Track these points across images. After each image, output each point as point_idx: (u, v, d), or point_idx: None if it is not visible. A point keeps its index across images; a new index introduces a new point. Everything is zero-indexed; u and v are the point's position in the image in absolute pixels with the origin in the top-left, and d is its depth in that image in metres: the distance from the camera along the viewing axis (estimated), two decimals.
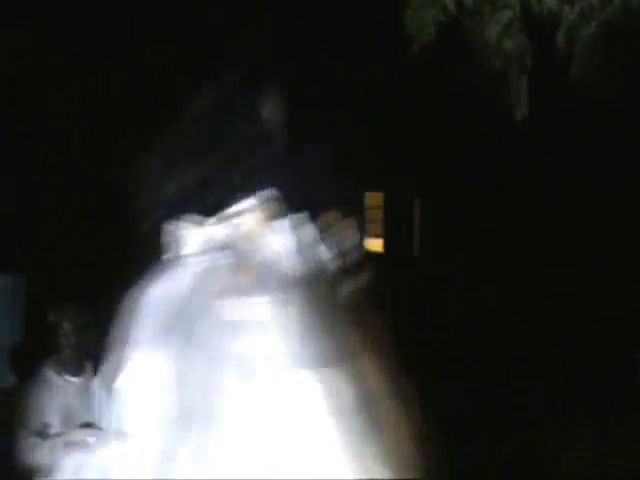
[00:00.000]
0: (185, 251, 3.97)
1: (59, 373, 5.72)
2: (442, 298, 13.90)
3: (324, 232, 3.70)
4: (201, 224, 3.92)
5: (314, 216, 3.77)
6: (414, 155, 30.59)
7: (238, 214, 3.83)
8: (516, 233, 15.86)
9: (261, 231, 3.77)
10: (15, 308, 18.65)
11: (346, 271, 3.81)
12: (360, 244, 3.90)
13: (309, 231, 3.80)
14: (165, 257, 4.06)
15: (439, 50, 6.26)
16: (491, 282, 14.32)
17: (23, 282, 19.28)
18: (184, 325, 3.72)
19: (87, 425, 5.50)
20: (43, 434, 5.48)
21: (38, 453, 5.38)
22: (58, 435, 5.49)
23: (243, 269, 3.74)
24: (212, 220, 3.92)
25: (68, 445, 5.45)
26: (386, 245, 31.25)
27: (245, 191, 3.73)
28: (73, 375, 5.70)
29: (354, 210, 3.85)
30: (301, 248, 3.79)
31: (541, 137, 11.88)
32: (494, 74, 5.93)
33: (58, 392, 5.63)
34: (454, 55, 6.38)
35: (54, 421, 5.57)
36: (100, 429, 5.49)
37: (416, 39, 6.00)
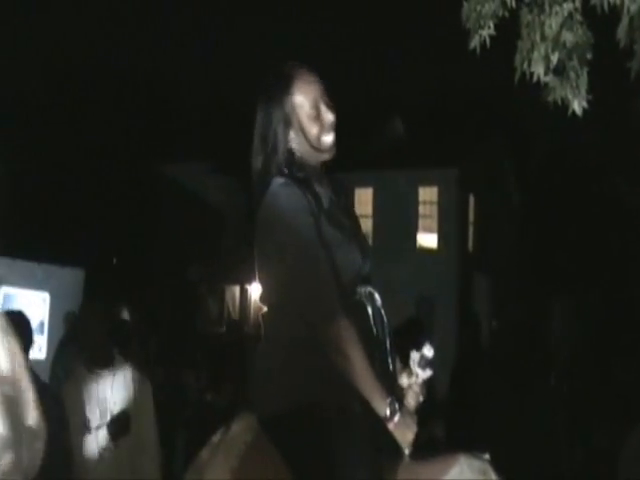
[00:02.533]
0: None
1: (89, 368, 5.78)
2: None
3: None
4: None
5: None
6: (468, 150, 30.45)
7: None
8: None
9: None
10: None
11: None
12: None
13: None
14: None
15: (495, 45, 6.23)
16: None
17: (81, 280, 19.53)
18: None
19: (123, 415, 5.56)
20: (86, 428, 5.53)
21: (84, 448, 5.42)
22: (99, 427, 5.54)
23: None
24: None
25: (109, 434, 5.52)
26: (439, 241, 31.29)
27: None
28: (103, 368, 5.75)
29: None
30: None
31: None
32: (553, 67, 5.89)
33: (91, 387, 5.69)
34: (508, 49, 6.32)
35: (93, 415, 5.62)
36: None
37: (475, 33, 5.98)
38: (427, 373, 3.38)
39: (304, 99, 3.40)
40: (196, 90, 35.45)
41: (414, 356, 3.38)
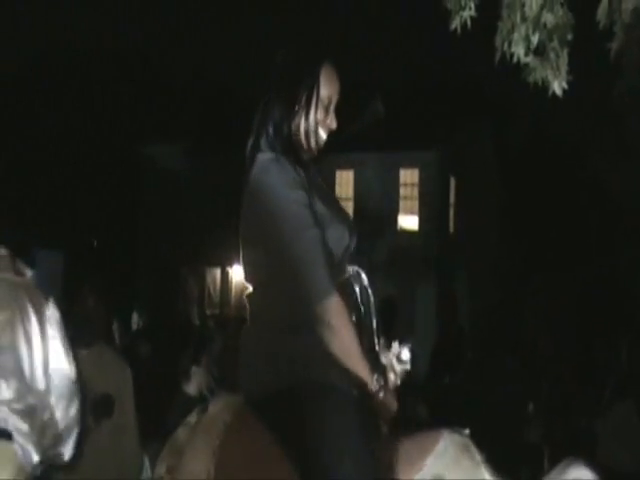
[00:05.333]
0: None
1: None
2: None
3: None
4: None
5: None
6: (449, 132, 30.47)
7: None
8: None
9: None
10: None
11: None
12: None
13: None
14: None
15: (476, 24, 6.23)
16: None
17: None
18: None
19: (105, 396, 5.55)
20: None
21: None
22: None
23: None
24: None
25: (92, 415, 5.52)
26: (421, 222, 31.34)
27: None
28: (84, 350, 5.73)
29: None
30: None
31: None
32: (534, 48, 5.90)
33: None
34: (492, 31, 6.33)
35: None
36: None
37: (456, 14, 5.98)
38: (404, 367, 3.43)
39: (326, 89, 3.40)
40: (178, 71, 35.29)
41: (394, 350, 3.43)
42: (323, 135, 3.44)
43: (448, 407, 6.99)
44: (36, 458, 3.57)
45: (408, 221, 31.82)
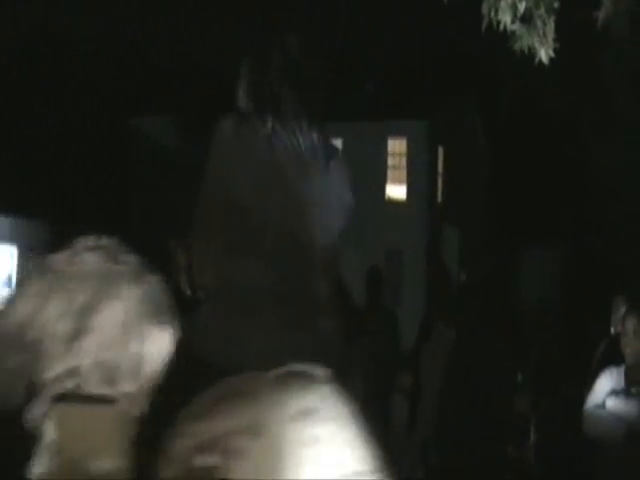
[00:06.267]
0: None
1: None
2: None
3: None
4: None
5: None
6: (437, 101, 30.43)
7: None
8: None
9: None
10: None
11: None
12: None
13: None
14: None
15: None
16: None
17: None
18: None
19: None
20: None
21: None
22: None
23: None
24: None
25: None
26: (408, 192, 31.35)
27: None
28: None
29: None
30: None
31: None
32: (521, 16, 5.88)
33: None
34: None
35: None
36: None
37: None
38: None
39: None
40: (170, 45, 35.16)
41: None
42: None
43: (434, 376, 6.99)
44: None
45: (396, 191, 31.80)
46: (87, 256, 3.47)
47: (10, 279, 18.26)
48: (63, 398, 2.66)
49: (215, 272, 3.14)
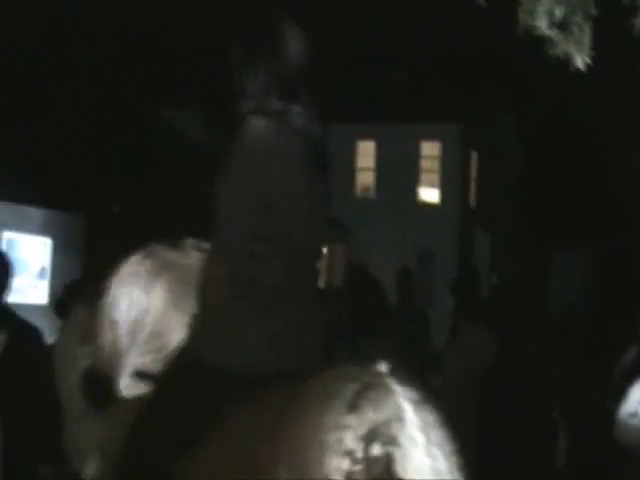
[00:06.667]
0: None
1: (87, 304, 5.80)
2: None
3: None
4: None
5: None
6: (471, 105, 30.38)
7: None
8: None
9: None
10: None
11: None
12: None
13: None
14: None
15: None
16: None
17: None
18: None
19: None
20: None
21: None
22: None
23: None
24: None
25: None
26: (442, 195, 31.33)
27: None
28: None
29: None
30: None
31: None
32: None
33: (86, 322, 5.70)
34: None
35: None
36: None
37: None
38: None
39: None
40: (196, 36, 35.21)
41: None
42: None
43: (462, 378, 7.03)
44: None
45: (429, 194, 31.80)
46: (194, 253, 3.70)
47: (44, 271, 18.44)
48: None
49: (231, 270, 3.14)
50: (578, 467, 7.63)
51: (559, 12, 5.87)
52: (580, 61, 5.78)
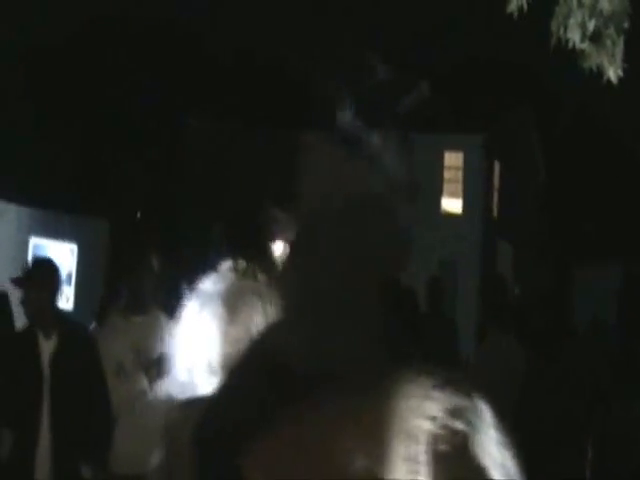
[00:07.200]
0: None
1: (124, 315, 5.91)
2: None
3: None
4: None
5: None
6: (494, 115, 30.37)
7: None
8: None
9: None
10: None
11: None
12: None
13: None
14: None
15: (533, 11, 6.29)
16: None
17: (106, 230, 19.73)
18: None
19: (159, 358, 5.71)
20: (120, 373, 5.64)
21: (117, 393, 5.51)
22: (134, 372, 5.68)
23: None
24: None
25: (147, 378, 5.70)
26: (464, 206, 31.34)
27: None
28: (137, 315, 5.88)
29: None
30: None
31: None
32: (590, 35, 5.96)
33: (125, 333, 5.81)
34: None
35: (127, 360, 5.74)
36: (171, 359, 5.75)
37: (511, 3, 6.07)
38: None
39: None
40: (228, 44, 35.34)
41: None
42: None
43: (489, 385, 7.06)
44: None
45: (451, 204, 31.81)
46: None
47: (70, 277, 18.56)
48: None
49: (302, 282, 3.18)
50: (604, 478, 7.64)
51: (592, 25, 5.93)
52: (613, 74, 5.83)
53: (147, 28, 33.12)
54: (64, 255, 18.26)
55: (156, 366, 5.72)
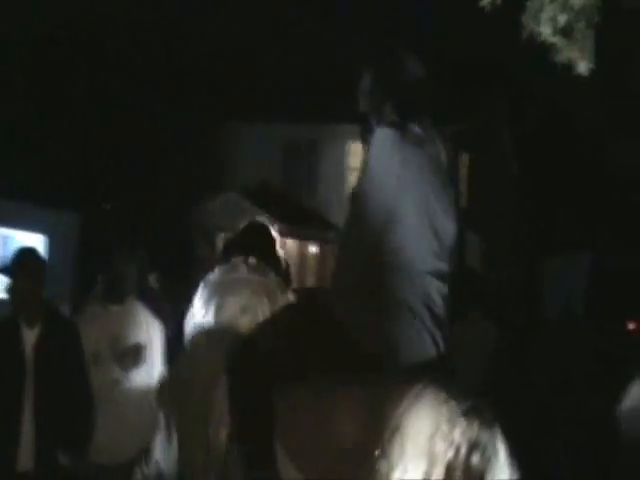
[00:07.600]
0: None
1: (102, 305, 5.94)
2: None
3: None
4: None
5: None
6: (463, 109, 30.42)
7: None
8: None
9: None
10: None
11: None
12: None
13: None
14: None
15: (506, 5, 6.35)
16: None
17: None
18: None
19: (134, 348, 5.75)
20: (97, 362, 5.67)
21: (96, 380, 5.52)
22: (110, 361, 5.71)
23: None
24: None
25: (121, 366, 5.73)
26: None
27: None
28: (114, 303, 5.91)
29: None
30: None
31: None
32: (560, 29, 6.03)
33: (102, 322, 5.84)
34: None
35: (103, 348, 5.76)
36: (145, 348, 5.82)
37: None
38: None
39: None
40: (205, 39, 35.14)
41: None
42: None
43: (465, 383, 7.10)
44: None
45: None
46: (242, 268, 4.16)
47: None
48: None
49: (357, 281, 3.23)
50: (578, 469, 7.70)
51: (562, 19, 6.00)
52: (583, 67, 5.91)
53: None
54: (34, 246, 18.15)
55: (131, 355, 5.76)
